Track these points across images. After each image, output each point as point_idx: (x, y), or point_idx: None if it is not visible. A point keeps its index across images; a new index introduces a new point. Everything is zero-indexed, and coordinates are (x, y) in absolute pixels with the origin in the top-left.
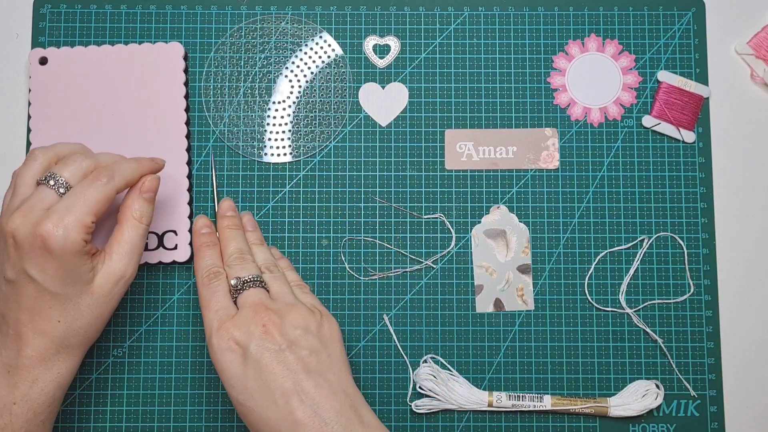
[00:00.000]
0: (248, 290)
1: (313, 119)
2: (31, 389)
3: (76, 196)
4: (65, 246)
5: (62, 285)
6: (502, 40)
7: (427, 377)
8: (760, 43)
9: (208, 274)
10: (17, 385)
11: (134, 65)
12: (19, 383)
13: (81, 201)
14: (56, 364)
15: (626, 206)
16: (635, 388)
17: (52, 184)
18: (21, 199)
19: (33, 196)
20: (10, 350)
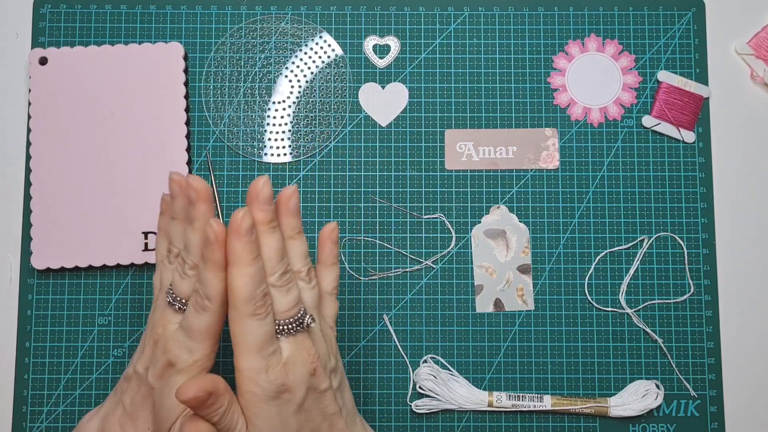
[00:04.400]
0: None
1: (313, 119)
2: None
3: (189, 326)
4: (185, 371)
5: (161, 402)
6: (502, 40)
7: (427, 377)
8: (760, 43)
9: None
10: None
11: (134, 65)
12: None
13: (194, 334)
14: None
15: (626, 206)
16: (635, 388)
17: (176, 309)
18: (162, 305)
19: (166, 312)
20: (111, 424)
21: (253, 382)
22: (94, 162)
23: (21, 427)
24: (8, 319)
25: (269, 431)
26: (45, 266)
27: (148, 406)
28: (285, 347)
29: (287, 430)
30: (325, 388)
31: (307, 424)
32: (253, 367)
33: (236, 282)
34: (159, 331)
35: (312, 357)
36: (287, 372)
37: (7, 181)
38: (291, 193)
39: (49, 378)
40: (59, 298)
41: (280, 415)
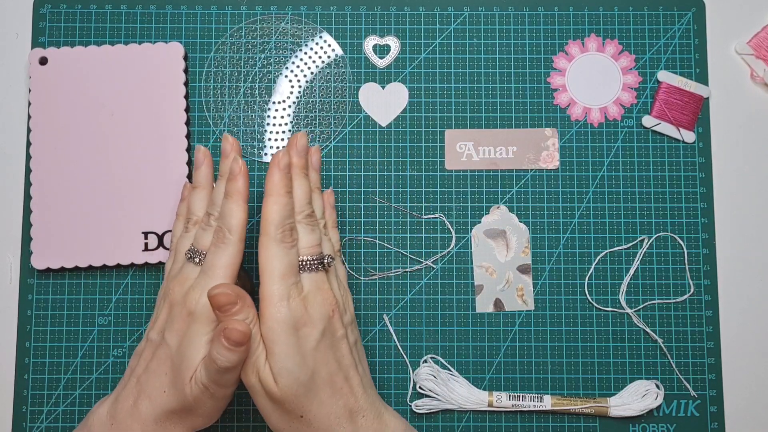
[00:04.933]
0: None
1: (313, 119)
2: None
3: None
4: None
5: (183, 355)
6: (502, 40)
7: (427, 377)
8: (760, 43)
9: (284, 230)
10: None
11: (134, 65)
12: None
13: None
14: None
15: (626, 206)
16: (635, 388)
17: (197, 261)
18: (179, 268)
19: (185, 269)
20: (121, 405)
21: (275, 308)
22: (94, 162)
23: (21, 427)
24: (8, 319)
25: (286, 362)
26: (45, 266)
27: (163, 370)
28: (306, 283)
29: (304, 365)
30: (341, 336)
31: (323, 366)
32: (276, 293)
33: (270, 208)
34: (176, 291)
35: (330, 298)
36: (307, 305)
37: (7, 181)
38: (315, 150)
39: (49, 378)
40: (59, 298)
41: (299, 347)
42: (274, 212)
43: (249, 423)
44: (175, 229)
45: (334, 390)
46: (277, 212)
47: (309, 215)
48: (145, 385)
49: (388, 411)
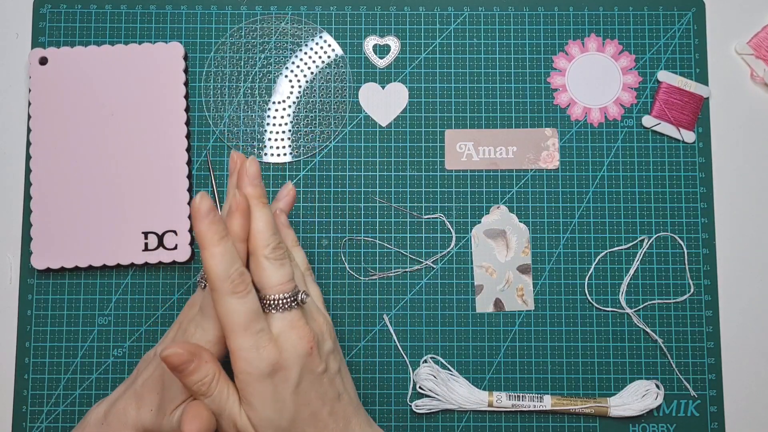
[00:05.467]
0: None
1: (313, 119)
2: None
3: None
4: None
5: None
6: (502, 40)
7: (427, 377)
8: (760, 43)
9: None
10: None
11: (134, 65)
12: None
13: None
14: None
15: (626, 206)
16: (635, 388)
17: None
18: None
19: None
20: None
21: (245, 361)
22: (94, 162)
23: (21, 427)
24: (8, 319)
25: (265, 412)
26: (45, 266)
27: (158, 389)
28: (276, 324)
29: (284, 411)
30: (322, 371)
31: (304, 407)
32: (243, 345)
33: (208, 263)
34: (183, 313)
35: (306, 334)
36: (280, 349)
37: (7, 181)
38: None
39: (49, 378)
40: (59, 298)
41: (276, 395)
42: (214, 266)
43: None
44: None
45: (318, 428)
46: (216, 265)
47: (275, 248)
48: (140, 395)
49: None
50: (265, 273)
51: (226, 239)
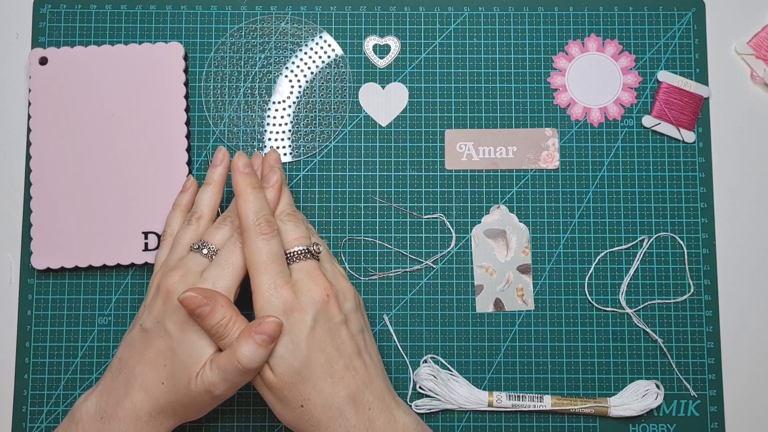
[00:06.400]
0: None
1: (313, 119)
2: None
3: (224, 262)
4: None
5: (187, 350)
6: (502, 40)
7: (427, 377)
8: (760, 43)
9: (259, 222)
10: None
11: (134, 65)
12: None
13: (229, 269)
14: (145, 428)
15: (626, 206)
16: (635, 388)
17: (205, 253)
18: (178, 258)
19: (189, 259)
20: (112, 397)
21: (264, 299)
22: (94, 162)
23: (21, 427)
24: (8, 319)
25: (279, 349)
26: (45, 266)
27: (162, 362)
28: (295, 273)
29: (297, 352)
30: (340, 321)
31: (319, 353)
32: (263, 282)
33: (242, 207)
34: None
35: (323, 283)
36: (296, 292)
37: (7, 181)
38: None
39: (49, 378)
40: (59, 298)
41: (291, 335)
42: (246, 209)
43: (249, 423)
44: (171, 219)
45: (335, 379)
46: (248, 208)
47: (290, 213)
48: (140, 377)
49: (399, 406)
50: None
51: (258, 189)
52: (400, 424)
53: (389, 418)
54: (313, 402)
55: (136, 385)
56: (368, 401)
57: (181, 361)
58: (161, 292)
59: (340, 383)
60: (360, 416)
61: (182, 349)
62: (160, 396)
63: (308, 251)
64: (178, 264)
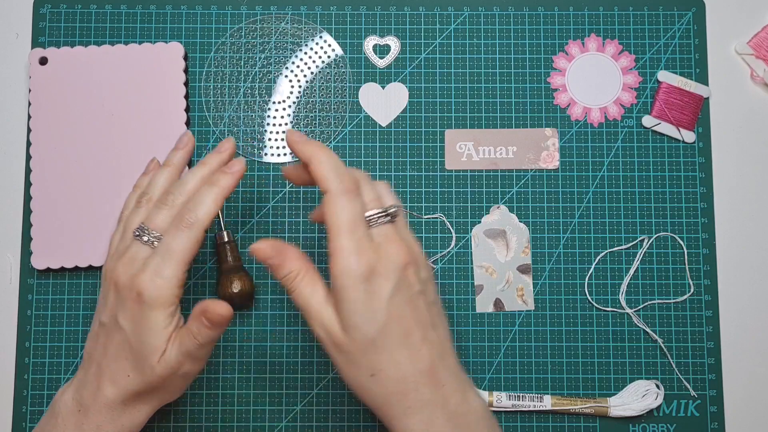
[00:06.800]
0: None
1: (313, 119)
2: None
3: (166, 247)
4: (158, 299)
5: (142, 341)
6: (502, 40)
7: None
8: (760, 43)
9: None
10: (82, 426)
11: (134, 65)
12: (85, 425)
13: (172, 254)
14: (122, 416)
15: (626, 206)
16: (635, 388)
17: (145, 240)
18: (125, 245)
19: (132, 247)
20: (86, 391)
21: (344, 262)
22: (94, 162)
23: (21, 427)
24: (8, 319)
25: (355, 317)
26: (45, 266)
27: (123, 355)
28: (374, 234)
29: (374, 320)
30: (418, 291)
31: (396, 322)
32: (345, 245)
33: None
34: (121, 272)
35: (403, 249)
36: (378, 256)
37: (7, 181)
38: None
39: (49, 378)
40: (59, 298)
41: (369, 301)
42: (329, 168)
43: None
44: (129, 201)
45: (411, 351)
46: (331, 166)
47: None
48: (107, 370)
49: (472, 388)
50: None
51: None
52: (472, 407)
53: (462, 398)
54: (386, 373)
55: (104, 378)
56: (443, 377)
57: (138, 352)
58: (110, 284)
59: (417, 355)
60: (435, 392)
61: (136, 341)
62: (129, 386)
63: (387, 214)
64: (124, 254)
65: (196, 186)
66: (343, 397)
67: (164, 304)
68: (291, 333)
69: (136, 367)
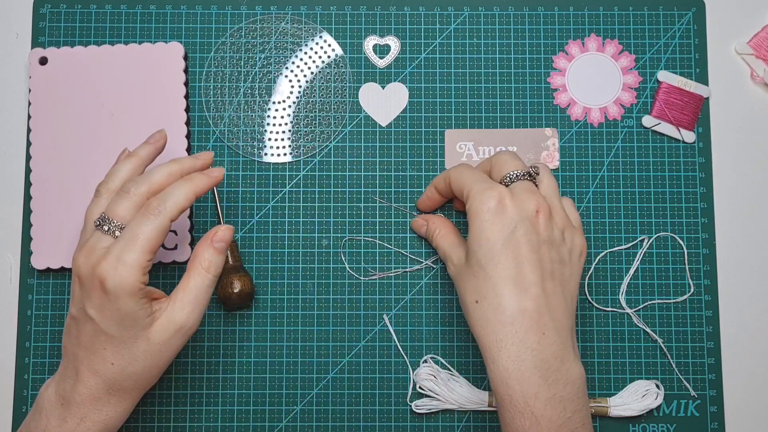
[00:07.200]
0: (523, 180)
1: (313, 119)
2: (78, 426)
3: (131, 234)
4: (122, 287)
5: (117, 328)
6: (502, 40)
7: (427, 377)
8: (760, 43)
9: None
10: (66, 419)
11: (134, 65)
12: (68, 418)
13: (136, 241)
14: (106, 406)
15: (626, 206)
16: (635, 388)
17: (106, 230)
18: (86, 236)
19: (93, 237)
20: (67, 384)
21: (479, 196)
22: (94, 162)
23: None
24: (8, 319)
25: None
26: (45, 266)
27: (101, 346)
28: (514, 186)
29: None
30: (545, 239)
31: (510, 258)
32: (476, 186)
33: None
34: (81, 262)
35: (537, 200)
36: (512, 198)
37: (7, 181)
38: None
39: (49, 378)
40: (59, 298)
41: (491, 231)
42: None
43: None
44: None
45: (519, 289)
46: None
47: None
48: (85, 361)
49: (574, 351)
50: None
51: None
52: (566, 366)
53: (559, 354)
54: (488, 301)
55: (83, 369)
56: (545, 325)
57: (119, 337)
58: (75, 276)
59: (523, 294)
60: (532, 335)
61: (111, 329)
62: (116, 374)
63: (527, 173)
64: (84, 244)
65: (162, 180)
66: (343, 397)
67: (129, 291)
68: (291, 333)
69: (120, 352)
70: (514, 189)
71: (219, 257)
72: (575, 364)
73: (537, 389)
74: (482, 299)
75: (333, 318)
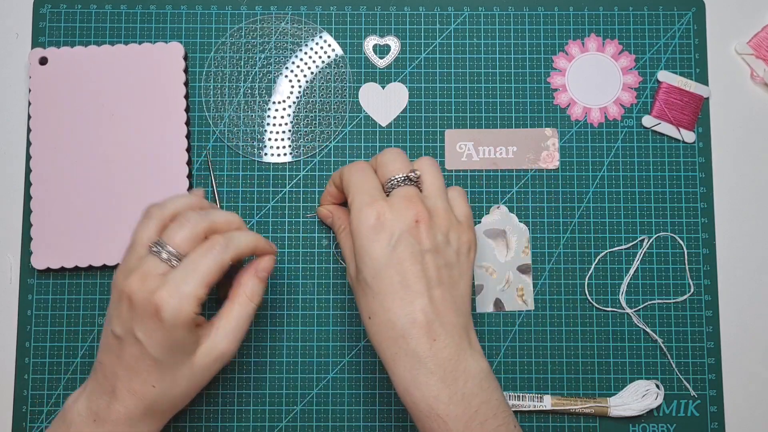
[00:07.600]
0: (403, 186)
1: (313, 119)
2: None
3: (192, 266)
4: (178, 317)
5: (165, 353)
6: (502, 40)
7: None
8: (760, 43)
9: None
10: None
11: (134, 65)
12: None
13: (196, 272)
14: (139, 426)
15: (626, 206)
16: (635, 388)
17: (164, 257)
18: (137, 259)
19: (148, 262)
20: (102, 400)
21: (356, 213)
22: (94, 162)
23: (21, 427)
24: (8, 319)
25: (360, 261)
26: (45, 266)
27: (144, 368)
28: (394, 194)
29: (373, 266)
30: (427, 248)
31: (394, 272)
32: (357, 201)
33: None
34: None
35: (416, 208)
36: (391, 211)
37: (7, 181)
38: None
39: (49, 378)
40: (59, 298)
41: (372, 248)
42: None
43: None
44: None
45: (404, 302)
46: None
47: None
48: (125, 381)
49: (472, 349)
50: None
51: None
52: (463, 365)
53: (454, 355)
54: (379, 317)
55: (123, 388)
56: (435, 331)
57: (165, 362)
58: (124, 298)
59: (410, 307)
60: (424, 344)
61: (160, 352)
62: (156, 397)
63: (407, 178)
64: (137, 266)
65: (222, 222)
66: (343, 397)
67: (184, 322)
68: (291, 333)
69: (164, 378)
70: (393, 199)
71: (262, 287)
72: (473, 359)
73: (437, 392)
74: (373, 316)
75: (333, 318)
